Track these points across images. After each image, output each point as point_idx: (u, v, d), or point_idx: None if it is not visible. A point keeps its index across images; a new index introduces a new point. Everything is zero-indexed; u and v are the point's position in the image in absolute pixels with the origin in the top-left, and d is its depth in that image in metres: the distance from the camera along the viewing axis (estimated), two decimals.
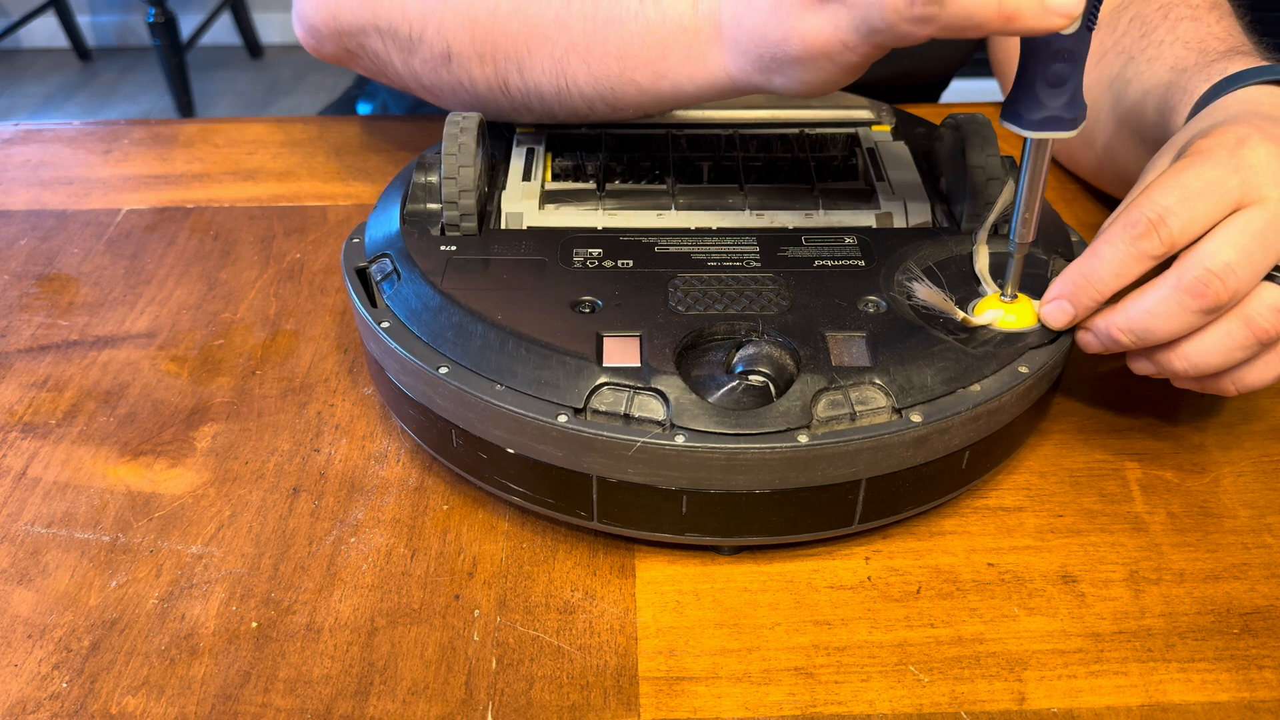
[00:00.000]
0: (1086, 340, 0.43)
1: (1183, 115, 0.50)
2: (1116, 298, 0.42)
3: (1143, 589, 0.42)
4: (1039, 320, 0.43)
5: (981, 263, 0.45)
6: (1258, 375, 0.42)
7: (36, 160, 0.71)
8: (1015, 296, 0.44)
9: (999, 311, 0.43)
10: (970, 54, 0.80)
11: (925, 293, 0.43)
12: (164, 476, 0.47)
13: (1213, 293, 0.39)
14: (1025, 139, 0.40)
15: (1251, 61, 0.50)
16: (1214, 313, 0.40)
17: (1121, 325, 0.41)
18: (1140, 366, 0.44)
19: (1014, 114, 0.39)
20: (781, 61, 0.42)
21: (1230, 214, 0.40)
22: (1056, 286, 0.42)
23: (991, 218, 0.45)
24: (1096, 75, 0.61)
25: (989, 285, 0.45)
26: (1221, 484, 0.46)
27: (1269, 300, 0.40)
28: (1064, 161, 0.68)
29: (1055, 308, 0.43)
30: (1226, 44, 0.53)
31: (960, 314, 0.43)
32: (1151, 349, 0.43)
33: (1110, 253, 0.41)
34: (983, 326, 0.43)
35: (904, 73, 0.73)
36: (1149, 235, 0.40)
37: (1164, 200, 0.40)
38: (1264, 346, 0.41)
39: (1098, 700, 0.38)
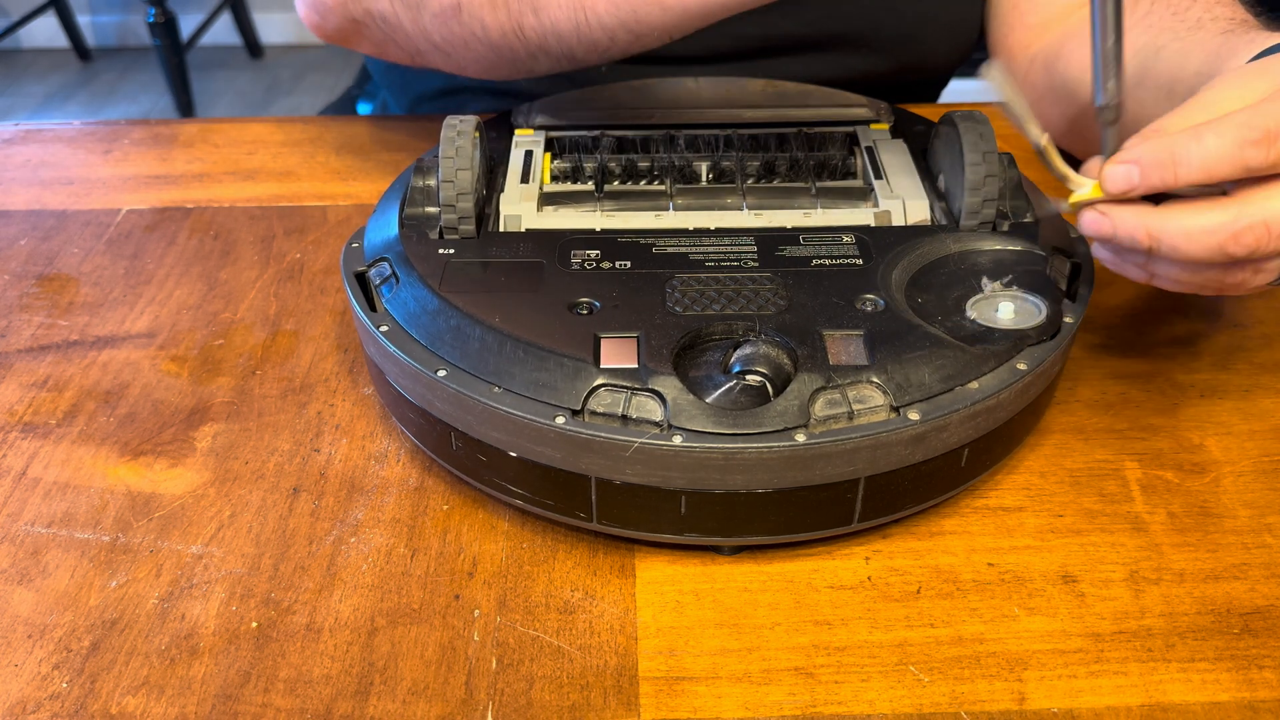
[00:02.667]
0: (1098, 226, 0.40)
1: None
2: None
3: (1143, 589, 0.42)
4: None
5: (1055, 159, 0.43)
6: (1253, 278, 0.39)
7: (36, 160, 0.71)
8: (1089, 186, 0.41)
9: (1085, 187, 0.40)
10: (970, 51, 0.80)
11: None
12: (164, 476, 0.47)
13: (1254, 243, 0.37)
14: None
15: None
16: (1247, 263, 0.38)
17: (1155, 230, 0.38)
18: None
19: None
20: None
21: None
22: (1135, 150, 0.38)
23: (1039, 136, 0.42)
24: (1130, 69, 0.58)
25: (1073, 179, 0.42)
26: (1221, 484, 0.46)
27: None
28: (1078, 139, 0.66)
29: (1124, 171, 0.38)
30: (1266, 32, 0.51)
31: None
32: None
33: (1215, 144, 0.37)
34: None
35: (905, 67, 0.73)
36: (1262, 145, 0.36)
37: (1276, 115, 0.37)
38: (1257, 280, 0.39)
39: (1098, 700, 0.38)
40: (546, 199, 0.52)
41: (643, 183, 0.54)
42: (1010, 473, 0.47)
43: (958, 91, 0.87)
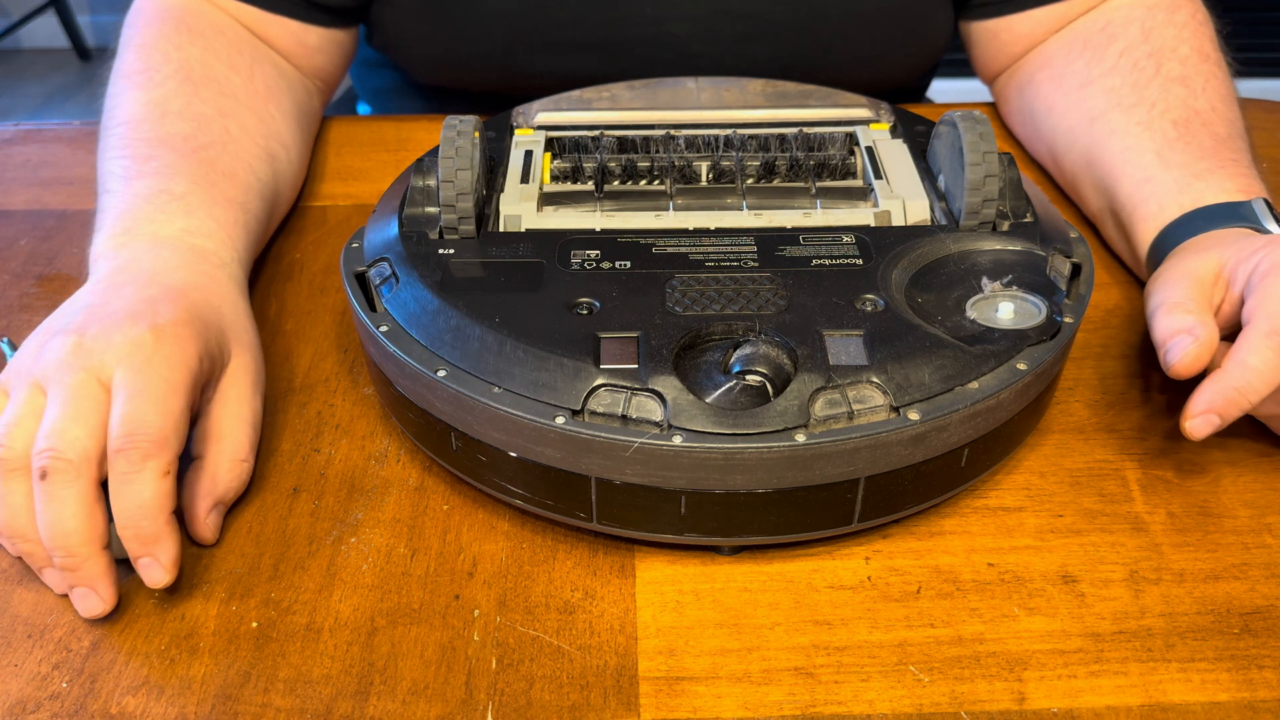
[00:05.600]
0: (1198, 429, 0.43)
1: (1148, 224, 0.54)
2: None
3: (1143, 589, 0.42)
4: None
5: None
6: None
7: (36, 160, 0.71)
8: None
9: None
10: (936, 59, 0.79)
11: None
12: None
13: None
14: None
15: (1221, 186, 0.53)
16: None
17: (1225, 392, 0.43)
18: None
19: None
20: None
21: None
22: (1203, 400, 0.43)
23: None
24: (1076, 103, 0.63)
25: None
26: (1221, 484, 0.46)
27: None
28: (1037, 155, 0.69)
29: (1203, 421, 0.43)
30: (1208, 145, 0.56)
31: None
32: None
33: (1259, 363, 0.42)
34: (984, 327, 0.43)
35: (869, 81, 0.73)
36: None
37: None
38: None
39: (1098, 700, 0.38)
40: (546, 199, 0.52)
41: (643, 183, 0.54)
42: (1010, 473, 0.47)
43: (955, 92, 0.87)
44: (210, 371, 0.44)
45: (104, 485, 0.40)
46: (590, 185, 0.53)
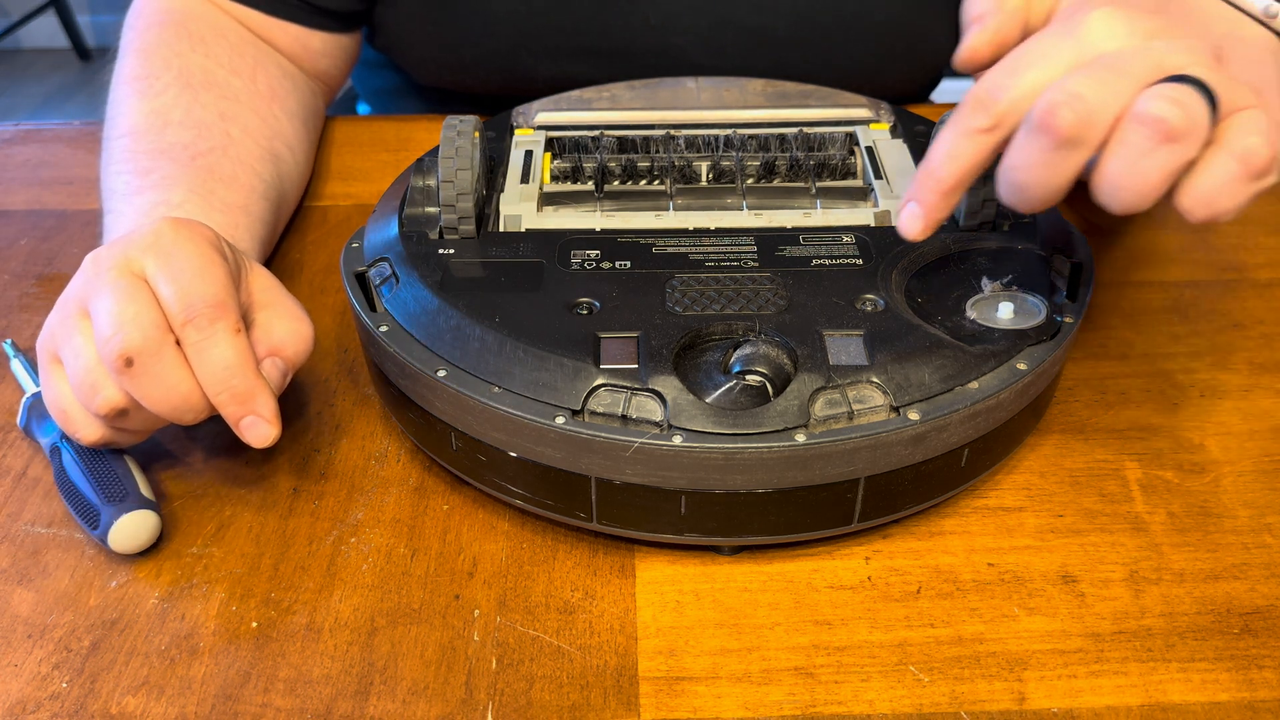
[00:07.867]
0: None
1: None
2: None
3: (1143, 589, 0.42)
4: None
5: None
6: (1209, 180, 0.36)
7: (36, 160, 0.71)
8: None
9: None
10: (937, 73, 0.79)
11: None
12: (163, 476, 0.47)
13: (1061, 119, 0.35)
14: None
15: None
16: (1075, 143, 0.36)
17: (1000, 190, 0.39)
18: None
19: None
20: None
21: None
22: (906, 194, 0.40)
23: None
24: None
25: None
26: (1221, 484, 0.46)
27: (1158, 96, 0.35)
28: None
29: (908, 214, 0.40)
30: None
31: None
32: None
33: (941, 139, 0.39)
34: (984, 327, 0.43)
35: (870, 94, 0.73)
36: (976, 111, 0.38)
37: (993, 78, 0.38)
38: (1173, 141, 0.35)
39: (1098, 700, 0.38)
40: (546, 199, 0.52)
41: (643, 183, 0.54)
42: (1010, 473, 0.47)
43: (955, 92, 0.87)
44: (234, 267, 0.44)
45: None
46: (590, 185, 0.53)
